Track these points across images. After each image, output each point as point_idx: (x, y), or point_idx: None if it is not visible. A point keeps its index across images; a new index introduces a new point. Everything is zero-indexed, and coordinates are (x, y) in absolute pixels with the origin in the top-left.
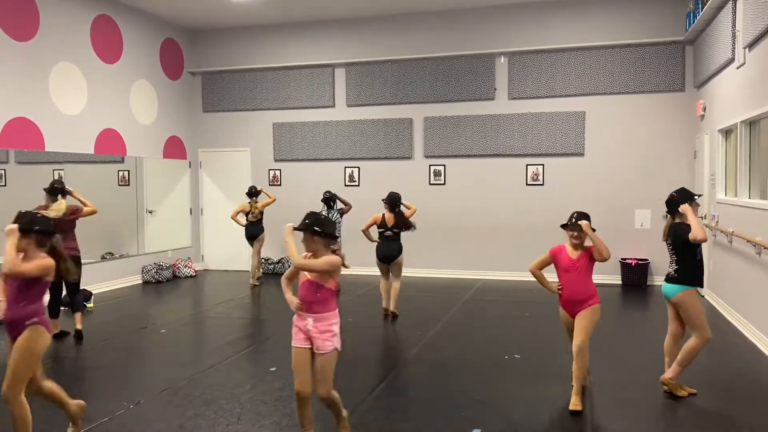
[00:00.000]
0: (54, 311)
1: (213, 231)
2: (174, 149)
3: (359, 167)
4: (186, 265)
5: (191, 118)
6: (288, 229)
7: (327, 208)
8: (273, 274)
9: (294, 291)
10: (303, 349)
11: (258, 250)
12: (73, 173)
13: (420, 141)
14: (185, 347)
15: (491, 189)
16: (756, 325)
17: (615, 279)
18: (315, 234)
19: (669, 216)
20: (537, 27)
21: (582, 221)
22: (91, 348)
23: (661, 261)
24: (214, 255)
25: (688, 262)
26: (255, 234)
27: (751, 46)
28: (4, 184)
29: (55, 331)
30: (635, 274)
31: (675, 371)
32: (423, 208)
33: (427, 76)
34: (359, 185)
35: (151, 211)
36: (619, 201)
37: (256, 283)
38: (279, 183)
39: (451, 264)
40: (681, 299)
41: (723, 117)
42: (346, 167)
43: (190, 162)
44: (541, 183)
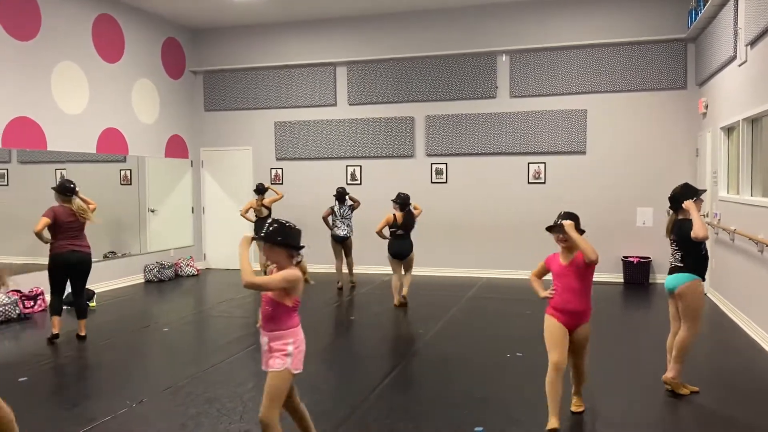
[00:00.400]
0: (56, 309)
1: (215, 230)
2: (176, 148)
3: (361, 166)
4: (188, 264)
5: (193, 117)
6: (244, 240)
7: (339, 203)
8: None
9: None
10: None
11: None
12: (75, 173)
13: (422, 139)
14: (187, 346)
15: (493, 187)
16: (758, 323)
17: (617, 277)
18: (277, 244)
19: (672, 212)
20: (538, 25)
21: (565, 221)
22: (94, 347)
23: (663, 259)
24: (216, 254)
25: (693, 256)
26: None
27: (753, 43)
28: (6, 183)
29: (55, 331)
30: (637, 272)
31: (676, 370)
32: (425, 206)
33: (429, 74)
34: (361, 184)
35: (153, 211)
36: (621, 199)
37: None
38: (281, 182)
39: (453, 262)
40: (686, 289)
41: (725, 114)
42: (347, 166)
43: (191, 161)
44: (543, 181)
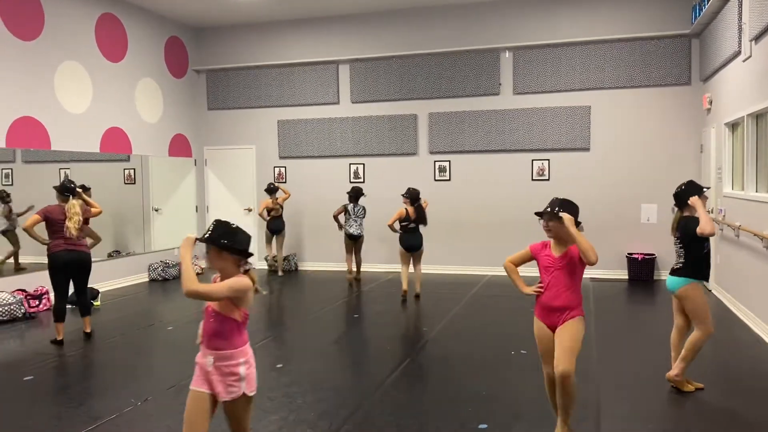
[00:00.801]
0: (60, 314)
1: None
2: (179, 147)
3: (364, 164)
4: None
5: (196, 115)
6: (187, 241)
7: (354, 202)
8: (273, 271)
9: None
10: (200, 394)
11: (282, 243)
12: (79, 172)
13: (425, 137)
14: (192, 344)
15: (496, 185)
16: (763, 319)
17: (621, 274)
18: (222, 248)
19: (677, 209)
20: (541, 21)
21: (565, 215)
22: (99, 345)
23: (668, 255)
24: None
25: (694, 255)
26: (279, 228)
27: (758, 38)
28: (11, 183)
29: (59, 337)
30: (642, 268)
31: (680, 368)
32: (428, 203)
33: (432, 71)
34: (364, 182)
35: (157, 209)
36: (625, 195)
37: (280, 273)
38: (284, 180)
39: (457, 260)
40: (684, 292)
41: (729, 110)
42: (351, 164)
43: (195, 160)
44: (547, 178)
